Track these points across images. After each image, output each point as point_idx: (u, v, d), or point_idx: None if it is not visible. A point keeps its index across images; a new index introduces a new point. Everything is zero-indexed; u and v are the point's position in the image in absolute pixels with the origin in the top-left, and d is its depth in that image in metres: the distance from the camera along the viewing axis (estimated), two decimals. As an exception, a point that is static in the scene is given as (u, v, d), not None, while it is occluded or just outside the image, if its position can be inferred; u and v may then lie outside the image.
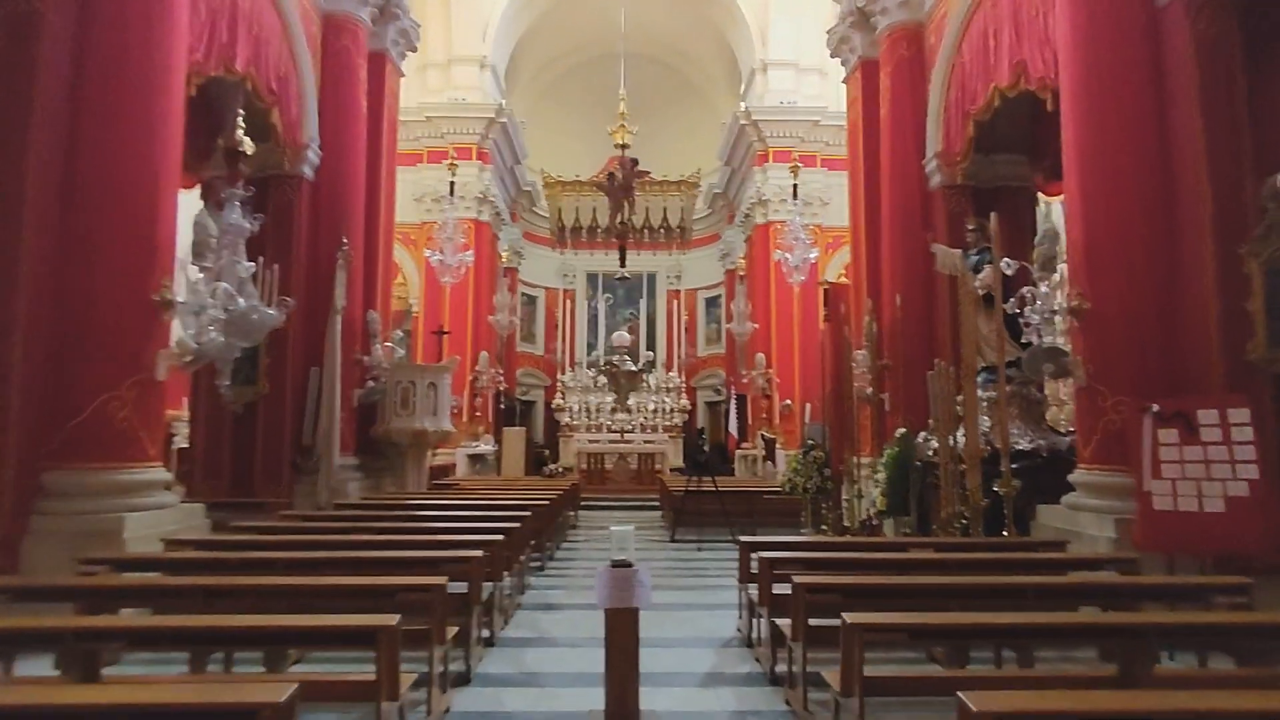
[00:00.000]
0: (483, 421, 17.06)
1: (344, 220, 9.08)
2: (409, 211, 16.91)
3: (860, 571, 4.05)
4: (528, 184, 21.82)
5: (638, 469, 15.08)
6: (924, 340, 9.00)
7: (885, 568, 4.05)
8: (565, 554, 8.39)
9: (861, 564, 4.09)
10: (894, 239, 9.41)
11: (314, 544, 4.53)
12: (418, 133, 17.57)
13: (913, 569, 4.08)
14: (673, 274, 24.36)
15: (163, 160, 5.37)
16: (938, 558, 4.09)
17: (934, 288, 9.10)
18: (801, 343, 17.57)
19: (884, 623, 2.70)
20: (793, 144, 18.08)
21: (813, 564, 3.99)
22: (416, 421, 9.21)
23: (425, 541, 4.69)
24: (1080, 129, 5.61)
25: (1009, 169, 9.08)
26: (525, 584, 6.23)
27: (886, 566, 4.05)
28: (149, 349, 5.18)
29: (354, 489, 8.83)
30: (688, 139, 22.57)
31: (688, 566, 7.54)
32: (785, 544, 4.74)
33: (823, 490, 8.50)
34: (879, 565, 4.05)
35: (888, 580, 3.56)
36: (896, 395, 8.92)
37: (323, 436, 8.47)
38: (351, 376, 9.10)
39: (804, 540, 5.50)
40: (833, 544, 4.95)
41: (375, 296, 9.81)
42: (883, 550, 4.70)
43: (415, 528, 5.48)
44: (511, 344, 21.64)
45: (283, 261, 8.61)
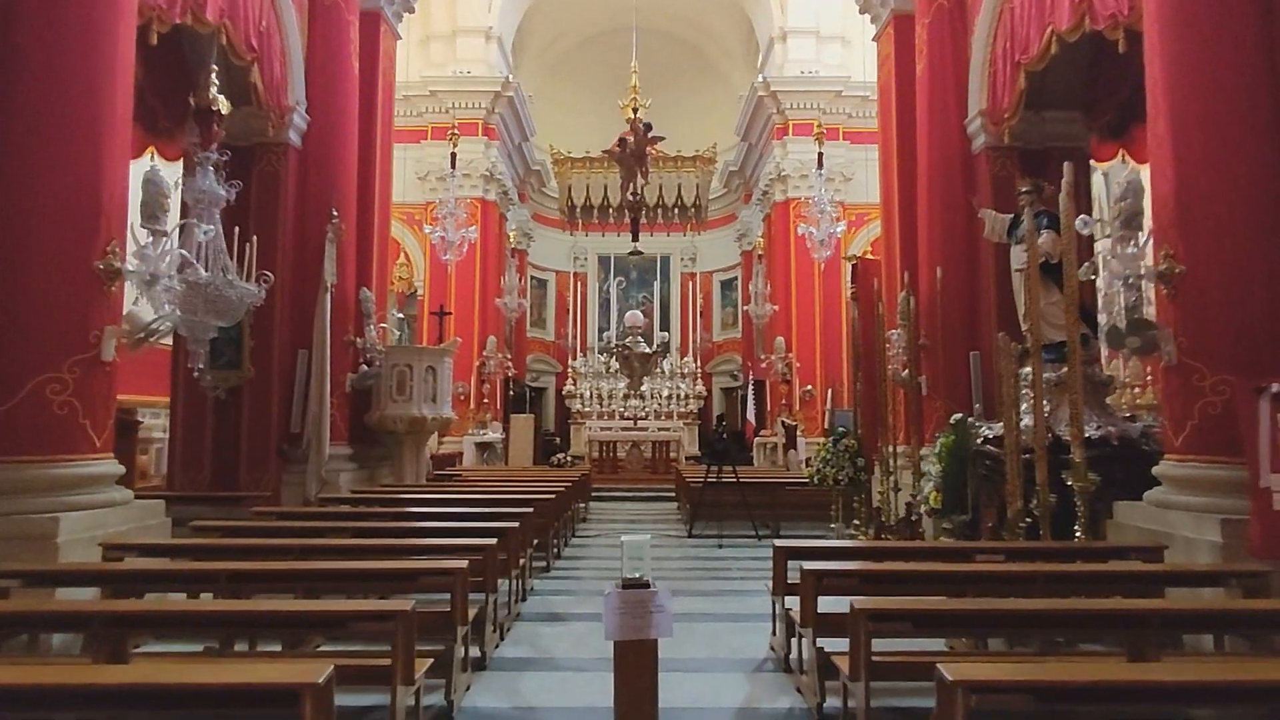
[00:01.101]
0: (491, 409, 16.43)
1: (334, 191, 8.39)
2: (412, 191, 16.25)
3: (927, 586, 3.33)
4: (536, 163, 21.08)
5: (652, 458, 14.40)
6: (966, 317, 8.21)
7: (955, 583, 3.33)
8: (574, 551, 7.72)
9: (929, 579, 3.36)
10: (932, 208, 8.60)
11: (272, 551, 3.86)
12: (421, 108, 16.89)
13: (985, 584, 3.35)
14: (687, 256, 23.58)
15: (107, 110, 4.68)
16: (1019, 571, 3.35)
17: (977, 260, 8.30)
18: (823, 325, 16.78)
19: (994, 679, 1.98)
20: (814, 116, 17.18)
21: (870, 578, 3.27)
22: (414, 408, 8.54)
23: (406, 548, 4.02)
24: (1172, 64, 4.80)
25: (1061, 128, 8.24)
26: (527, 588, 5.55)
27: (957, 582, 3.33)
28: (93, 324, 4.51)
29: (347, 480, 8.19)
30: (703, 116, 21.67)
31: (708, 567, 6.85)
32: (830, 551, 4.02)
33: (855, 482, 7.77)
34: (950, 581, 3.33)
35: (972, 606, 2.82)
36: (935, 377, 8.15)
37: (312, 424, 7.83)
38: (343, 359, 8.44)
39: (852, 546, 4.71)
40: (887, 550, 4.21)
41: (370, 274, 9.13)
42: (948, 559, 3.96)
43: (399, 528, 4.81)
44: (521, 329, 20.96)
45: (268, 235, 7.96)
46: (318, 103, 8.41)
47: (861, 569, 3.44)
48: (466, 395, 16.18)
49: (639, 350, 11.10)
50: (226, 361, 7.87)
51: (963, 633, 2.52)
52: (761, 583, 6.07)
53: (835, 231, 11.72)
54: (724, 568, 6.79)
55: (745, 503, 8.37)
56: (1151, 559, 4.01)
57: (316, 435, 7.78)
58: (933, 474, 4.56)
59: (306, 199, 8.30)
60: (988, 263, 8.17)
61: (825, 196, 11.71)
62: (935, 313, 8.12)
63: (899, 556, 3.99)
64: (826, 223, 11.39)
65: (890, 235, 9.75)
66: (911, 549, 4.14)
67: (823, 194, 11.75)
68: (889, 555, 4.00)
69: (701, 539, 8.37)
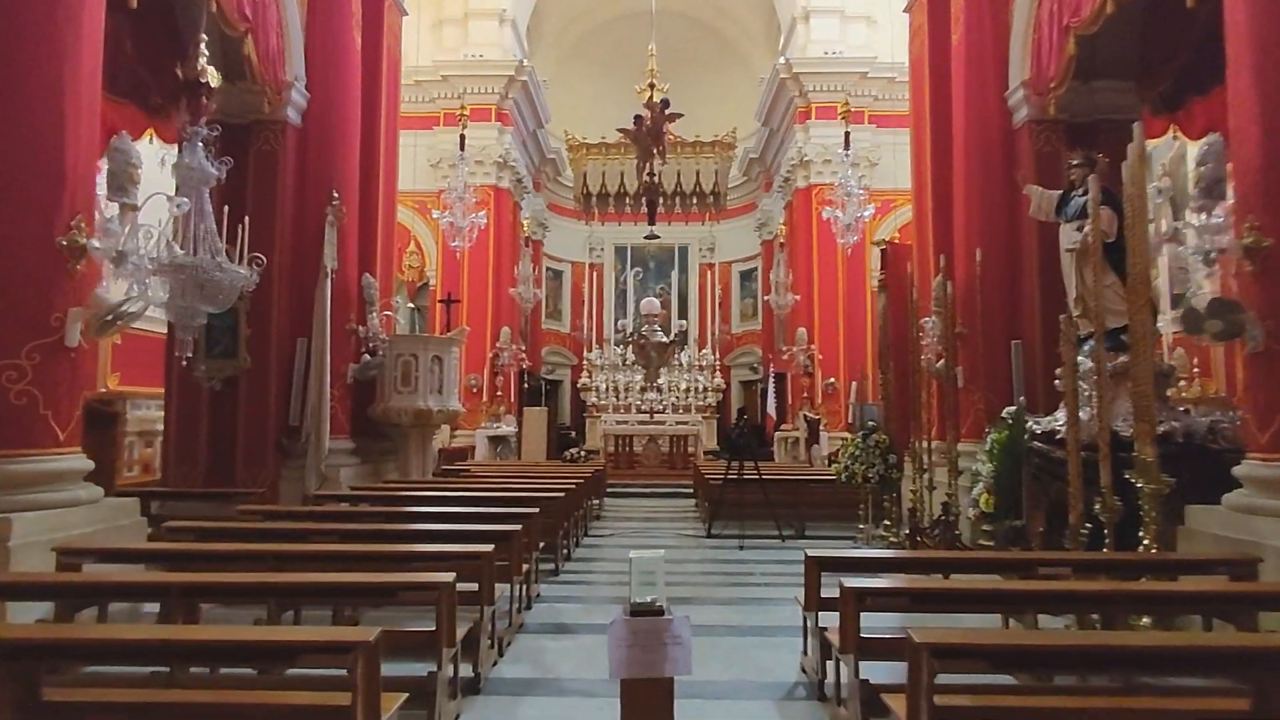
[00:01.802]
0: (504, 401, 16.04)
1: (335, 171, 7.98)
2: (424, 178, 15.85)
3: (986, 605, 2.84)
4: (551, 151, 20.61)
5: (669, 452, 13.93)
6: (1006, 303, 7.66)
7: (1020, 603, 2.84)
8: (586, 552, 7.28)
9: (989, 598, 2.87)
10: (969, 187, 8.04)
11: (244, 558, 3.45)
12: (433, 93, 16.48)
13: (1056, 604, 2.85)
14: (705, 246, 23.05)
15: (71, 70, 4.27)
16: (1100, 590, 2.85)
17: (1019, 242, 7.74)
18: (847, 316, 16.21)
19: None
20: (838, 99, 16.52)
21: (924, 597, 2.79)
22: (419, 400, 8.14)
23: (392, 556, 3.58)
24: (1260, 12, 4.23)
25: (1111, 98, 7.63)
26: (532, 595, 5.11)
27: (1023, 601, 2.83)
28: (55, 306, 4.13)
29: (348, 475, 7.81)
30: (722, 102, 21.07)
31: (729, 572, 6.37)
32: (871, 562, 3.52)
33: (886, 481, 7.27)
34: (1014, 600, 2.84)
35: (1069, 641, 2.29)
36: (973, 368, 7.60)
37: (311, 416, 7.45)
38: (345, 349, 8.05)
39: (895, 556, 4.14)
40: (935, 562, 3.71)
41: (374, 259, 8.72)
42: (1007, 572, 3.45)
43: (391, 531, 4.38)
44: (536, 320, 20.56)
45: (265, 218, 7.58)
46: (318, 79, 8.00)
47: (912, 586, 2.95)
48: (479, 387, 15.81)
49: (656, 339, 10.61)
50: (222, 351, 7.51)
51: (1055, 673, 2.06)
52: (788, 589, 5.59)
53: (863, 216, 11.14)
54: (746, 572, 6.32)
55: (768, 501, 7.88)
56: (1240, 574, 3.48)
57: (316, 428, 7.40)
58: (984, 474, 4.06)
59: (306, 180, 7.90)
60: (1030, 245, 7.62)
61: (852, 178, 11.08)
62: (973, 299, 7.56)
63: (949, 569, 3.50)
64: (853, 206, 10.79)
65: (923, 218, 9.18)
66: (963, 560, 3.64)
67: (849, 175, 11.15)
68: (937, 567, 3.51)
69: (721, 539, 7.90)
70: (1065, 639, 2.20)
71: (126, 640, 2.02)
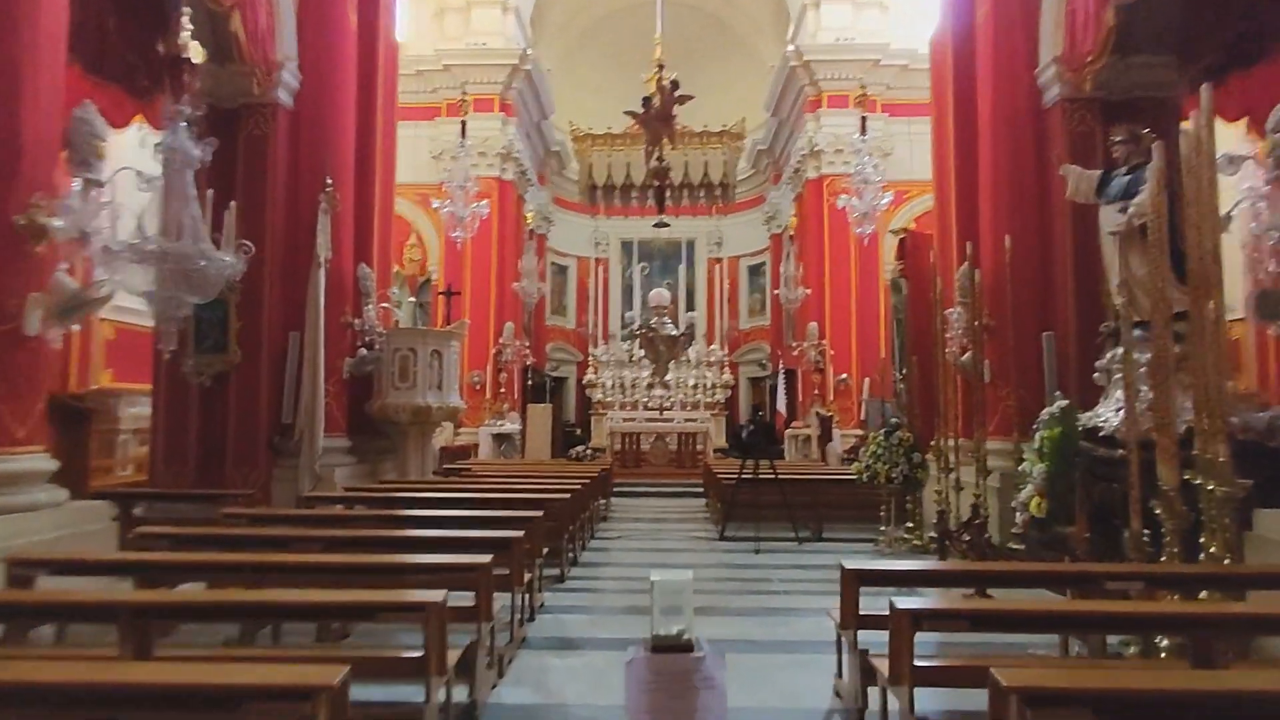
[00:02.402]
0: (508, 398, 15.68)
1: (329, 156, 7.61)
2: (426, 170, 15.47)
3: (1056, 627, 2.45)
4: (556, 144, 20.24)
5: (678, 450, 13.53)
6: (1037, 293, 7.25)
7: (1098, 627, 2.44)
8: (593, 555, 6.90)
9: (1064, 621, 2.48)
10: (996, 171, 7.62)
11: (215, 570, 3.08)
12: (435, 83, 16.10)
13: (1140, 627, 2.46)
14: (713, 240, 22.64)
15: (29, 33, 3.90)
16: (1196, 614, 2.44)
17: (1050, 228, 7.33)
18: (859, 310, 15.79)
19: None
20: (850, 87, 16.12)
21: (987, 620, 2.40)
22: (417, 396, 7.77)
23: (381, 566, 3.21)
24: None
25: (1149, 74, 7.19)
26: (536, 604, 4.73)
27: (1103, 625, 2.44)
28: (12, 291, 3.76)
29: (344, 475, 7.44)
30: (729, 93, 20.62)
31: (745, 578, 5.98)
32: (915, 575, 3.12)
33: (911, 481, 6.87)
34: (1093, 624, 2.45)
35: (1187, 686, 1.88)
36: (1002, 362, 7.19)
37: (304, 414, 7.09)
38: (340, 343, 7.68)
39: (947, 569, 3.66)
40: (990, 575, 3.29)
41: (370, 249, 8.35)
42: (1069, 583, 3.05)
43: (382, 538, 4.00)
44: (540, 316, 20.19)
45: (256, 205, 7.24)
46: (310, 60, 7.63)
47: (976, 609, 2.56)
48: (482, 384, 15.46)
49: (665, 332, 10.21)
50: (211, 345, 7.16)
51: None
52: (809, 598, 5.20)
53: (879, 204, 10.70)
54: (764, 578, 5.93)
55: (785, 502, 7.48)
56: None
57: (309, 426, 7.04)
58: (1035, 475, 3.66)
59: (299, 166, 7.53)
60: (1062, 231, 7.21)
61: (869, 162, 10.65)
62: (1002, 289, 7.14)
63: (1005, 583, 3.11)
64: (870, 194, 10.36)
65: (944, 205, 8.76)
66: (1020, 573, 3.23)
67: (865, 161, 10.72)
68: (990, 581, 3.12)
69: (734, 541, 7.51)
70: (1186, 682, 1.82)
71: (37, 684, 1.65)
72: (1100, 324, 6.97)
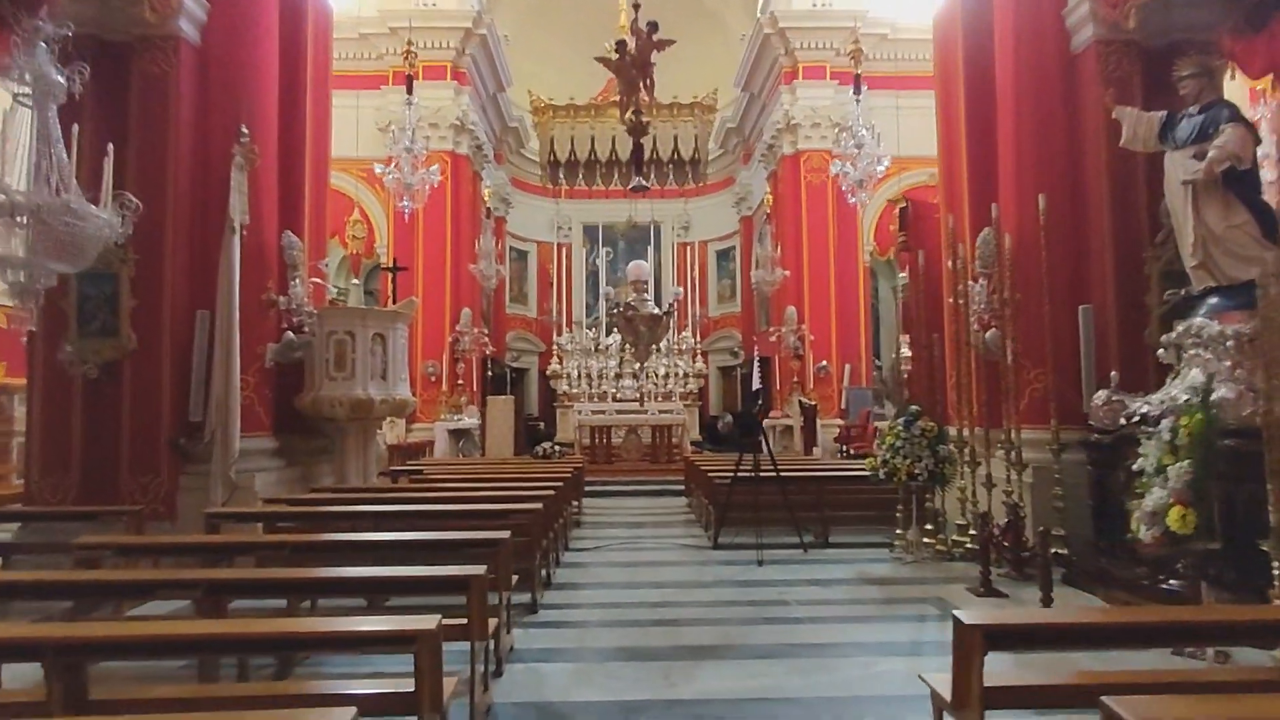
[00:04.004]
0: (467, 391, 14.48)
1: (246, 102, 6.37)
2: (372, 144, 14.10)
3: None
4: (514, 119, 19.00)
5: (652, 444, 12.53)
6: (1069, 261, 6.40)
7: None
8: (569, 573, 5.85)
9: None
10: (1019, 125, 6.74)
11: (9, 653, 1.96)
12: (380, 48, 14.75)
13: None
14: (680, 225, 21.66)
15: None
16: None
17: (1082, 188, 6.49)
18: (839, 294, 14.98)
19: None
20: (826, 56, 15.29)
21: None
22: (357, 388, 6.61)
23: (274, 639, 2.11)
24: None
25: (1190, 16, 6.35)
26: (504, 652, 3.67)
27: None
28: None
29: (269, 482, 6.26)
30: (697, 68, 19.59)
31: (755, 599, 4.99)
32: (1072, 630, 2.09)
33: (938, 477, 5.97)
34: None
35: None
36: (1030, 339, 6.32)
37: (216, 410, 5.87)
38: (261, 325, 6.47)
39: (1140, 619, 2.35)
40: (1178, 627, 2.26)
41: (300, 215, 7.12)
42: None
43: (291, 580, 2.89)
44: (500, 303, 18.98)
45: (154, 159, 6.03)
46: (220, -15, 6.38)
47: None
48: (438, 375, 14.24)
49: (646, 311, 9.14)
50: (99, 328, 5.89)
51: None
52: (842, 627, 4.25)
53: (877, 169, 9.78)
54: (777, 599, 4.94)
55: (788, 503, 6.53)
56: None
57: (222, 425, 5.83)
58: (1173, 476, 2.75)
59: (208, 112, 6.28)
60: (1097, 190, 6.37)
61: (863, 123, 9.73)
62: (1031, 256, 6.27)
63: (1192, 637, 2.15)
64: (866, 158, 9.44)
65: (953, 169, 7.87)
66: (1216, 624, 2.25)
67: (859, 124, 9.81)
68: (1179, 635, 2.13)
69: (731, 550, 6.54)
70: None
71: None
72: (1141, 294, 6.20)
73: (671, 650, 3.87)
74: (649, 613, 4.56)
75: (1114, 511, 4.99)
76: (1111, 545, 5.02)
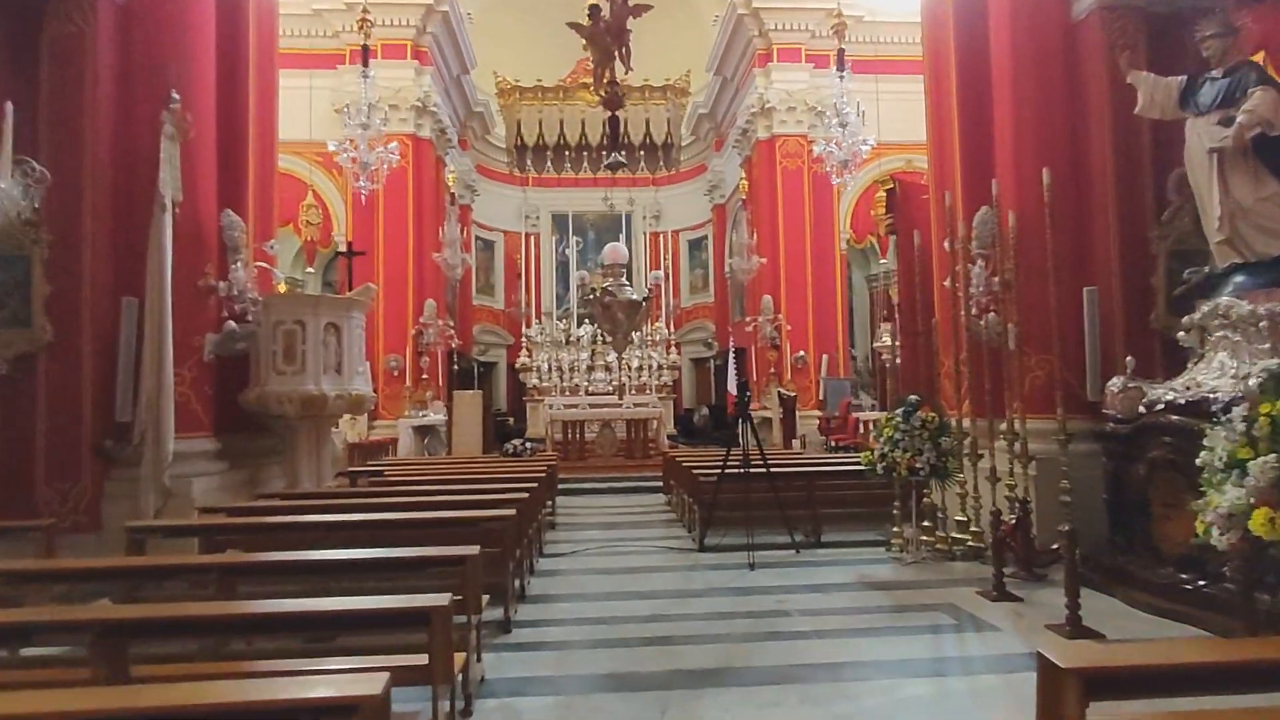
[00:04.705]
0: (432, 385, 13.84)
1: (177, 64, 5.70)
2: (327, 128, 13.28)
3: None
4: (479, 104, 18.33)
5: (627, 439, 12.04)
6: (1072, 241, 6.07)
7: None
8: (544, 583, 5.35)
9: None
10: (1017, 99, 6.38)
11: None
12: (335, 25, 13.99)
13: None
14: (651, 214, 21.14)
15: None
16: None
17: (1086, 164, 6.15)
18: (815, 283, 14.65)
19: None
20: (802, 39, 14.90)
21: None
22: (308, 382, 6.01)
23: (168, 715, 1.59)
24: None
25: (1197, -20, 6.06)
26: (474, 685, 3.16)
27: None
28: None
29: (209, 487, 5.64)
30: (669, 52, 19.08)
31: (752, 609, 4.54)
32: (1200, 672, 1.68)
33: (940, 471, 5.59)
34: None
35: None
36: (1031, 326, 5.96)
37: (147, 408, 5.24)
38: (199, 313, 5.84)
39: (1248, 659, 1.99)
40: None
41: (243, 192, 6.46)
42: None
43: (212, 620, 2.35)
44: (466, 294, 18.33)
45: (69, 129, 5.35)
46: (147, -66, 5.70)
47: None
48: (401, 370, 13.59)
49: (624, 297, 8.60)
50: (8, 317, 5.23)
51: None
52: (852, 641, 3.82)
53: (862, 149, 9.38)
54: (777, 610, 4.50)
55: (779, 501, 6.10)
56: None
57: (154, 425, 5.20)
58: (1253, 473, 2.37)
59: (134, 77, 5.63)
60: (1101, 165, 6.04)
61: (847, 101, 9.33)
62: (1041, 235, 5.88)
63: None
64: (850, 137, 9.03)
65: (943, 146, 7.50)
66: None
67: (844, 98, 9.40)
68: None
69: (719, 553, 6.09)
70: None
71: None
72: (1147, 276, 5.89)
73: (665, 676, 3.40)
74: (637, 629, 4.08)
75: (1133, 506, 4.65)
76: (1130, 543, 4.68)
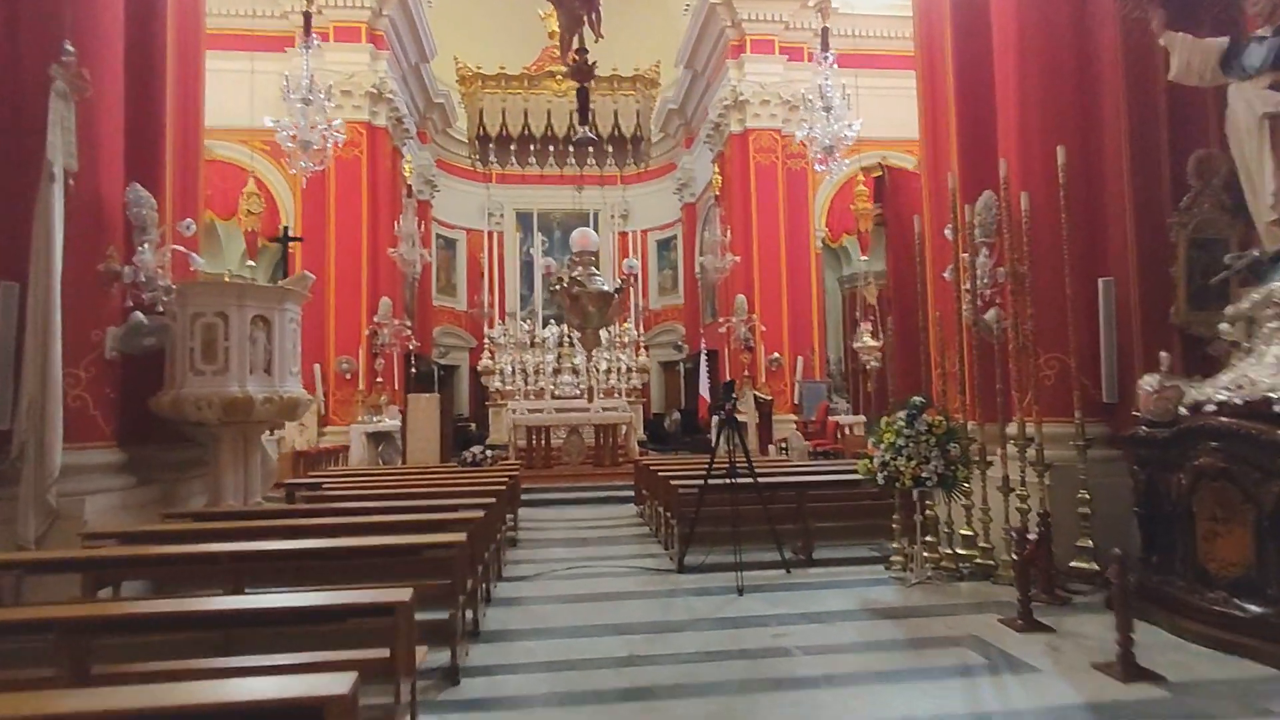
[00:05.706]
0: (387, 389, 12.99)
1: (69, 12, 4.90)
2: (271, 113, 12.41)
3: None
4: (440, 94, 17.51)
5: (596, 445, 11.35)
6: (1084, 228, 5.57)
7: None
8: (503, 613, 4.64)
9: None
10: (1024, 78, 5.88)
11: None
12: (284, 5, 13.07)
13: None
14: (618, 213, 20.52)
15: None
16: None
17: (1099, 145, 5.66)
18: (790, 282, 14.16)
19: None
20: (775, 30, 14.42)
21: None
22: (231, 383, 5.22)
23: None
24: None
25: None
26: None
27: None
28: None
29: (107, 506, 4.82)
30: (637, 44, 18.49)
31: (747, 646, 3.89)
32: None
33: (949, 481, 5.02)
34: None
35: None
36: (1041, 321, 5.45)
37: (29, 413, 4.41)
38: (99, 303, 5.01)
39: None
40: None
41: (160, 170, 5.66)
42: None
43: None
44: (425, 293, 17.48)
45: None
46: None
47: None
48: (354, 372, 12.72)
49: (595, 288, 7.87)
50: None
51: None
52: (864, 689, 3.20)
53: (847, 135, 8.86)
54: (775, 647, 3.85)
55: (768, 515, 5.48)
56: None
57: (36, 434, 4.38)
58: None
59: (17, 22, 4.80)
60: (1114, 146, 5.55)
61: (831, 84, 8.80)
62: (1053, 221, 5.38)
63: None
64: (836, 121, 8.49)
65: (936, 129, 7.00)
66: None
67: (828, 84, 8.88)
68: None
69: (701, 574, 5.45)
70: None
71: None
72: (1165, 266, 5.40)
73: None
74: (612, 677, 3.41)
75: (1173, 521, 4.12)
76: (1169, 562, 4.15)
